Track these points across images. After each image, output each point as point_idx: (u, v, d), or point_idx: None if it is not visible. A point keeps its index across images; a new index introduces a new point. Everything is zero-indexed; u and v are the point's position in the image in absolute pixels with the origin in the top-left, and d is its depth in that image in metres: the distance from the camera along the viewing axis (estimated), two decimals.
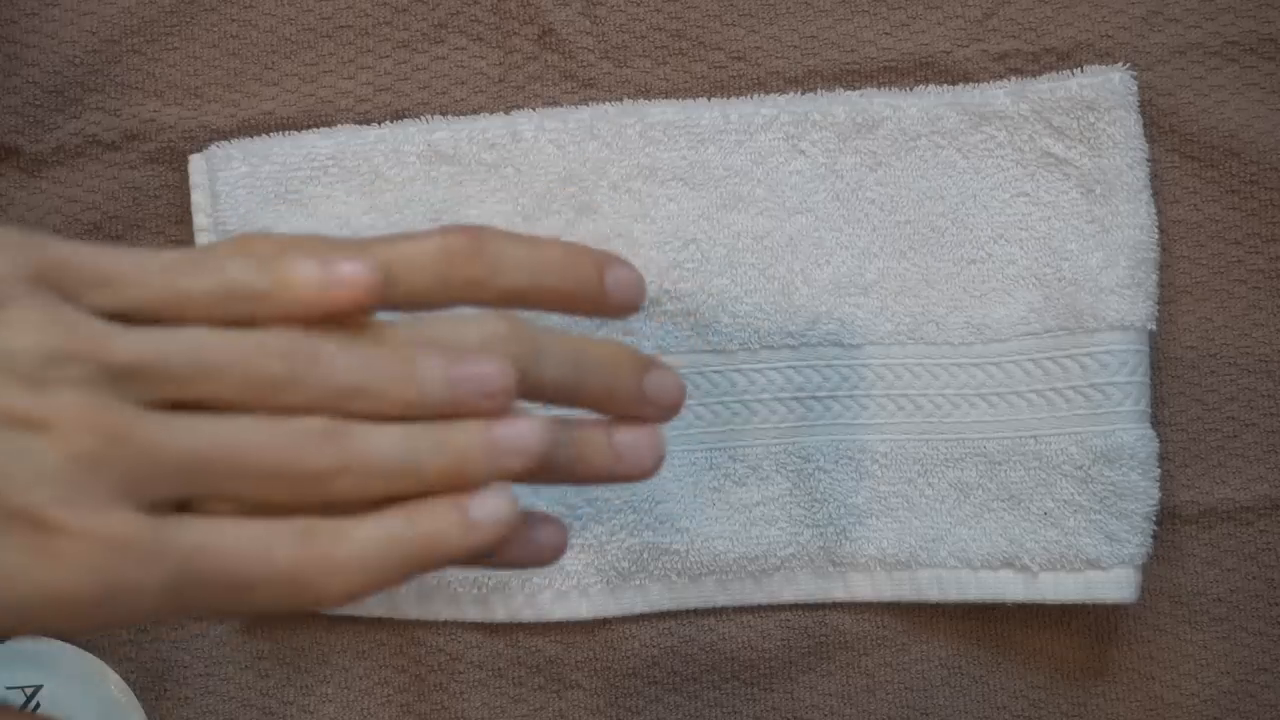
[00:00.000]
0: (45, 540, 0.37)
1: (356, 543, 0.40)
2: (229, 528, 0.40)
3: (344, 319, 0.41)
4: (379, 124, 0.59)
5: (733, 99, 0.59)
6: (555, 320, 0.49)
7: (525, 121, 0.58)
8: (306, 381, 0.40)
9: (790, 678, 0.59)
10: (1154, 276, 0.56)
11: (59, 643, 0.58)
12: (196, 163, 0.58)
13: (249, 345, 0.40)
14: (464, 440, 0.41)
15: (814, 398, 0.57)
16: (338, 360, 0.41)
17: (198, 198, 0.58)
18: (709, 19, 0.59)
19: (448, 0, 0.59)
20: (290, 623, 0.59)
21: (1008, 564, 0.57)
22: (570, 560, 0.57)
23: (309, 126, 0.59)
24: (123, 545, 0.38)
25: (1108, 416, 0.55)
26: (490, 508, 0.41)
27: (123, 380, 0.39)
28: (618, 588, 0.58)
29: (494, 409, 0.42)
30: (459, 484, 0.41)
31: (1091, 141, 0.57)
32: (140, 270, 0.40)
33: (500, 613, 0.58)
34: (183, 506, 0.40)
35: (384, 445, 0.40)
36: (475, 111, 0.59)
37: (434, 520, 0.41)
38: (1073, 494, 0.56)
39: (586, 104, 0.59)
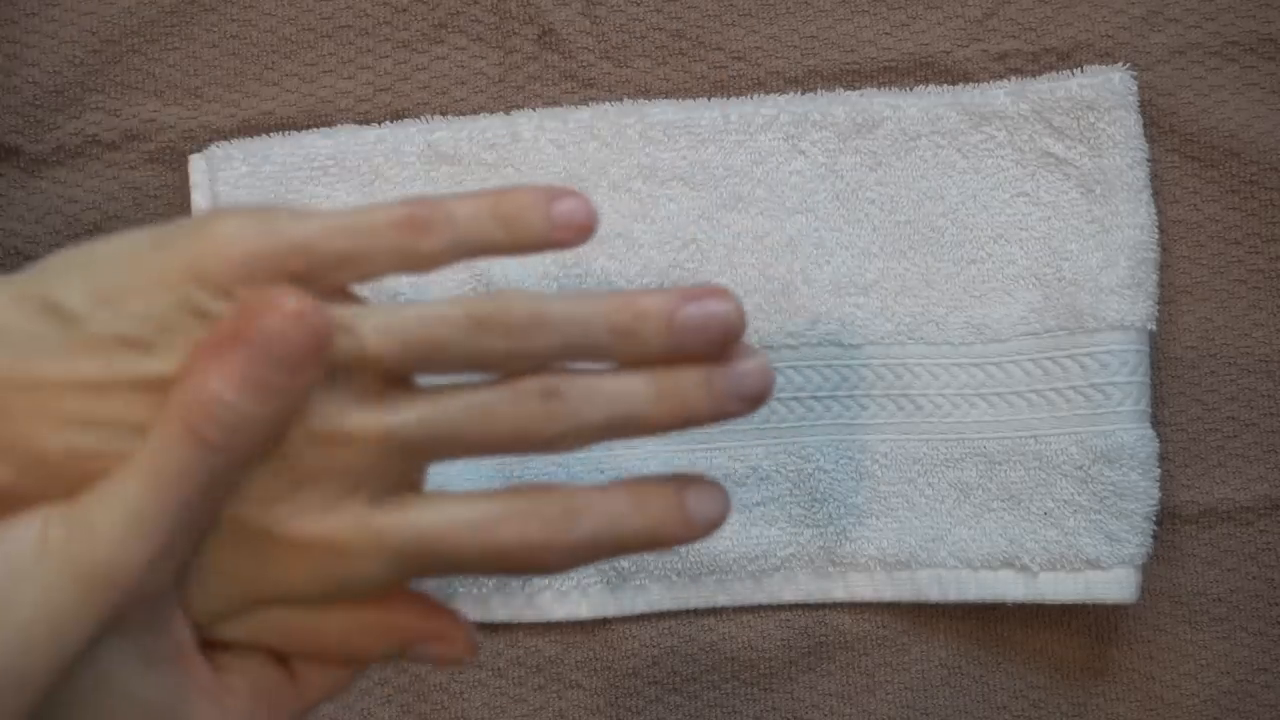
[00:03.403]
0: (276, 552, 0.39)
1: (583, 529, 0.40)
2: (451, 508, 0.40)
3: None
4: (379, 124, 0.59)
5: (733, 99, 0.59)
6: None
7: (525, 121, 0.58)
8: (528, 351, 0.40)
9: (790, 678, 0.59)
10: (1154, 276, 0.56)
11: None
12: (196, 163, 0.58)
13: (467, 321, 0.40)
14: (686, 386, 0.41)
15: (814, 398, 0.57)
16: (558, 323, 0.40)
17: (198, 198, 0.58)
18: (709, 19, 0.59)
19: (448, 0, 0.59)
20: None
21: (1008, 564, 0.57)
22: None
23: (309, 126, 0.59)
24: (346, 546, 0.39)
25: (1108, 416, 0.55)
26: (708, 508, 0.42)
27: (350, 371, 0.39)
28: (618, 588, 0.58)
29: (716, 352, 0.41)
30: (683, 427, 0.42)
31: (1091, 141, 0.57)
32: (376, 242, 0.40)
33: (500, 613, 0.58)
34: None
35: (603, 403, 0.40)
36: (475, 111, 0.59)
37: (658, 511, 0.41)
38: (1073, 494, 0.56)
39: (586, 104, 0.59)
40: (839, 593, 0.58)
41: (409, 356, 0.40)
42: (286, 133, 0.59)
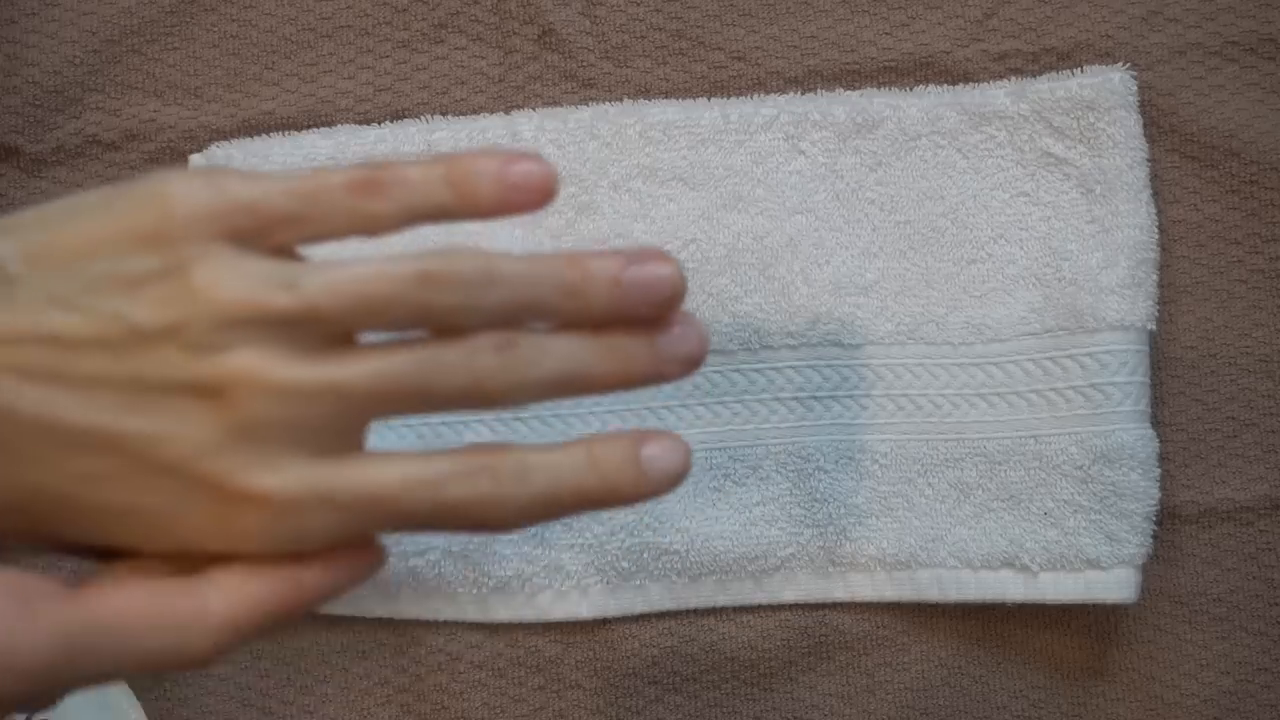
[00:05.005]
0: (229, 508, 0.39)
1: (536, 485, 0.41)
2: (402, 464, 0.40)
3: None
4: (379, 124, 0.59)
5: (733, 99, 0.59)
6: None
7: (525, 121, 0.58)
8: (478, 306, 0.40)
9: (790, 678, 0.59)
10: (1154, 276, 0.57)
11: None
12: (196, 163, 0.59)
13: (417, 276, 0.40)
14: (629, 345, 0.42)
15: (814, 398, 0.57)
16: (508, 280, 0.40)
17: None
18: (709, 19, 0.59)
19: (448, 0, 0.59)
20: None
21: (1008, 564, 0.57)
22: (570, 560, 0.57)
23: (309, 126, 0.59)
24: (298, 501, 0.39)
25: (1108, 416, 0.56)
26: (665, 461, 0.42)
27: (295, 327, 0.39)
28: (618, 588, 0.58)
29: (657, 314, 0.42)
30: (624, 387, 0.42)
31: (1091, 141, 0.57)
32: (326, 203, 0.40)
33: (500, 613, 0.58)
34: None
35: (553, 359, 0.41)
36: (475, 111, 0.59)
37: (613, 467, 0.41)
38: (1073, 494, 0.56)
39: (586, 104, 0.59)
40: (839, 593, 0.58)
41: (357, 312, 0.40)
42: (286, 133, 0.59)
